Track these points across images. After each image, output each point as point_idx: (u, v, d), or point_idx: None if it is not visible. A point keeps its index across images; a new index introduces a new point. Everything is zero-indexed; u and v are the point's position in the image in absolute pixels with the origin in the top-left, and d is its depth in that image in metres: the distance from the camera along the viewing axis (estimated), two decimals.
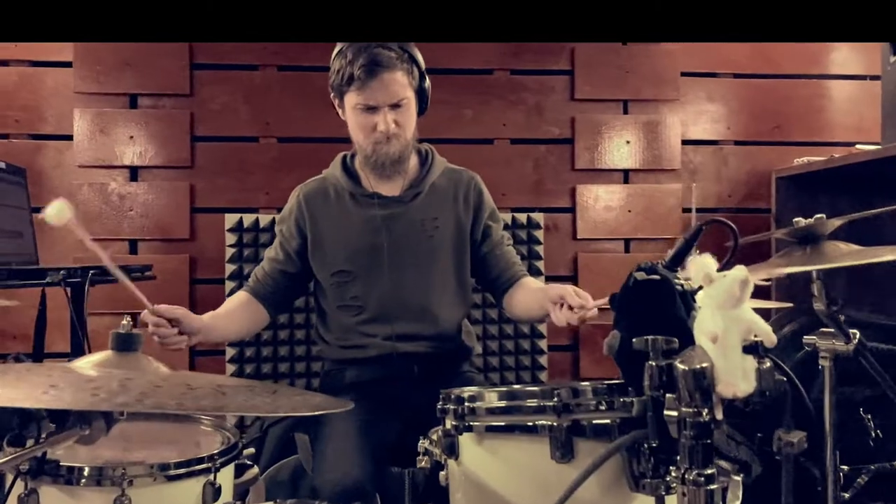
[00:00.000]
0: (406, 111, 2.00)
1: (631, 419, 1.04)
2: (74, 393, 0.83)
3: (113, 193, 2.91)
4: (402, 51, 1.97)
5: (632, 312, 1.02)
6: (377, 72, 1.92)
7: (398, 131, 1.99)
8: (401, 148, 2.02)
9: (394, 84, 1.95)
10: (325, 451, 1.86)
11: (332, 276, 2.09)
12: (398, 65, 1.95)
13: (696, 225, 1.06)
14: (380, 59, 1.92)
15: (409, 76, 1.98)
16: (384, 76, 1.93)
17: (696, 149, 3.18)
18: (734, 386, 0.89)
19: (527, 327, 2.82)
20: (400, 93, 1.96)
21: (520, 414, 1.09)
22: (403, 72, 1.96)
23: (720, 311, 0.91)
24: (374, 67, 1.92)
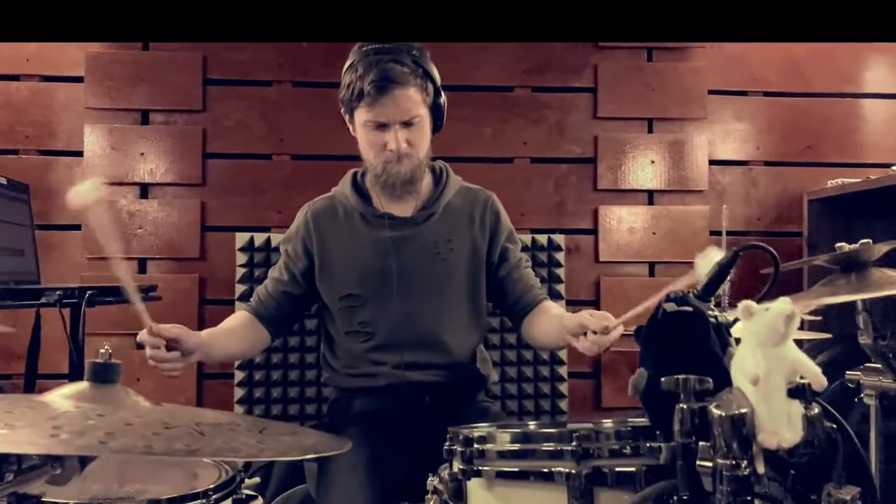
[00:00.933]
0: (418, 129, 1.90)
1: (658, 467, 0.93)
2: (32, 433, 0.74)
3: (123, 211, 2.86)
4: (416, 65, 1.87)
5: (660, 348, 0.91)
6: (388, 88, 1.82)
7: (410, 150, 1.89)
8: (412, 167, 1.92)
9: (406, 101, 1.85)
10: (331, 486, 1.77)
11: (340, 301, 2.00)
12: (411, 80, 1.84)
13: (732, 250, 0.96)
14: (391, 75, 1.82)
15: (422, 92, 1.88)
16: (396, 92, 1.83)
17: (723, 169, 3.08)
18: (778, 435, 0.78)
19: (546, 354, 2.71)
20: (412, 110, 1.86)
21: (534, 459, 0.99)
22: (416, 88, 1.86)
23: (762, 349, 0.80)
24: (385, 83, 1.82)
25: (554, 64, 3.02)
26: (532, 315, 2.03)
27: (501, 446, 1.02)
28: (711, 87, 3.07)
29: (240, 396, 2.61)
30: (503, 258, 2.05)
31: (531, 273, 2.10)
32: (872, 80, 3.13)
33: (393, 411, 1.96)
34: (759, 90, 3.10)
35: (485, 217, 2.04)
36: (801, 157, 3.10)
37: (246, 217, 2.89)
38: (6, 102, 2.86)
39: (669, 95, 3.03)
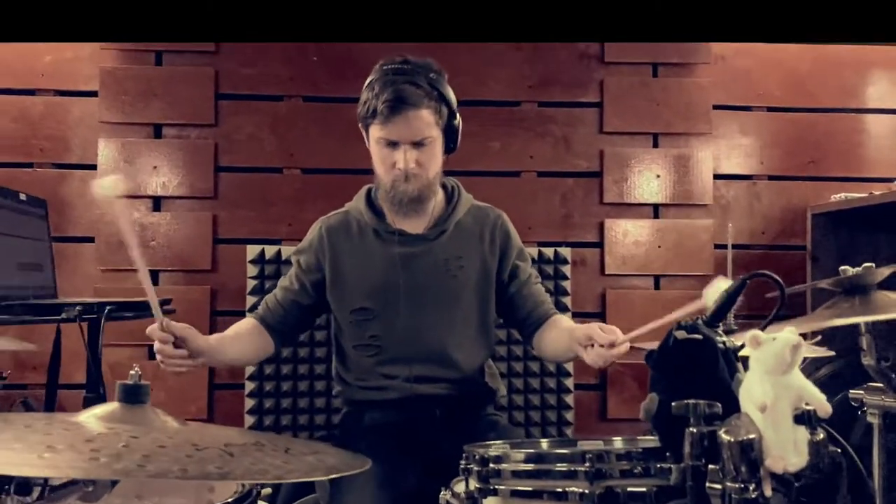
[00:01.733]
0: (429, 150, 1.93)
1: (668, 488, 0.96)
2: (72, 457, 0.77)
3: (135, 224, 2.90)
4: (431, 88, 1.90)
5: (671, 374, 0.95)
6: (401, 108, 1.86)
7: (418, 171, 1.92)
8: (420, 187, 1.95)
9: (418, 122, 1.88)
10: (344, 499, 1.80)
11: (351, 314, 2.03)
12: (424, 102, 1.88)
13: (739, 279, 0.99)
14: (405, 96, 1.86)
15: (435, 114, 1.91)
16: (408, 113, 1.87)
17: (728, 183, 3.11)
18: (784, 459, 0.82)
19: (553, 366, 2.75)
20: (423, 131, 1.90)
21: (548, 478, 1.02)
22: (430, 110, 1.90)
23: (769, 377, 0.84)
24: (398, 104, 1.86)
25: (560, 79, 3.05)
26: (542, 330, 2.06)
27: (516, 466, 1.05)
28: (716, 103, 3.10)
29: (250, 407, 2.64)
30: (513, 275, 2.08)
31: (541, 289, 2.12)
32: (875, 96, 3.16)
33: (404, 424, 1.99)
34: (762, 105, 3.13)
35: (495, 235, 2.08)
36: (804, 172, 3.13)
37: (256, 230, 2.92)
38: (22, 116, 2.91)
39: (674, 111, 3.07)
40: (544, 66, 3.05)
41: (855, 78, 3.17)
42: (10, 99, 2.91)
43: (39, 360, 2.84)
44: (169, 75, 2.94)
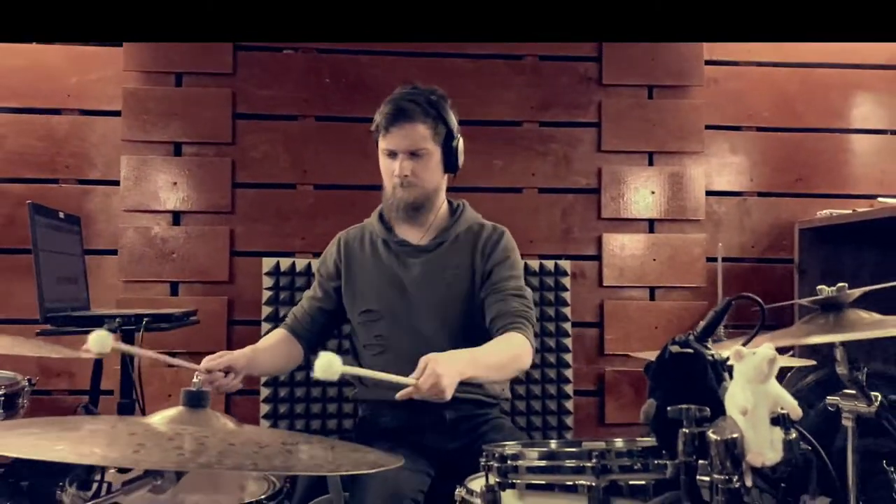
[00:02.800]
0: (424, 162, 2.11)
1: (665, 481, 1.11)
2: (161, 453, 0.91)
3: (156, 237, 3.03)
4: (430, 106, 2.10)
5: (666, 383, 1.10)
6: (399, 120, 2.08)
7: (413, 179, 2.11)
8: (415, 195, 2.13)
9: (413, 134, 2.08)
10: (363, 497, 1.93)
11: (360, 315, 2.22)
12: (420, 117, 2.08)
13: (726, 300, 1.14)
14: (403, 108, 2.08)
15: (431, 130, 2.10)
16: (405, 125, 2.08)
17: (719, 200, 3.25)
18: (763, 455, 0.97)
19: (553, 373, 2.88)
20: (418, 143, 2.09)
21: (560, 473, 1.17)
22: (426, 125, 2.09)
23: (750, 385, 0.99)
24: (396, 116, 2.08)
25: (560, 100, 3.19)
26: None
27: (531, 462, 1.20)
28: (708, 123, 3.23)
29: (265, 412, 2.77)
30: (487, 279, 2.17)
31: (517, 303, 2.12)
32: (860, 117, 3.31)
33: (416, 428, 2.12)
34: (752, 125, 3.28)
35: (486, 247, 2.21)
36: (792, 189, 3.26)
37: (272, 243, 3.06)
38: (48, 135, 3.04)
39: (669, 130, 3.21)
40: (545, 87, 3.19)
41: (840, 100, 3.31)
42: (37, 118, 3.04)
43: (63, 367, 2.98)
44: (188, 96, 3.07)
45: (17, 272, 2.92)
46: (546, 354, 2.87)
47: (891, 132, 3.27)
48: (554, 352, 2.88)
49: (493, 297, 2.13)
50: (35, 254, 1.99)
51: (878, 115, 3.31)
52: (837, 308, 1.45)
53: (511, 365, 2.02)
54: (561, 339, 2.88)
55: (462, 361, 1.82)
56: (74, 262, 2.30)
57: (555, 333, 2.88)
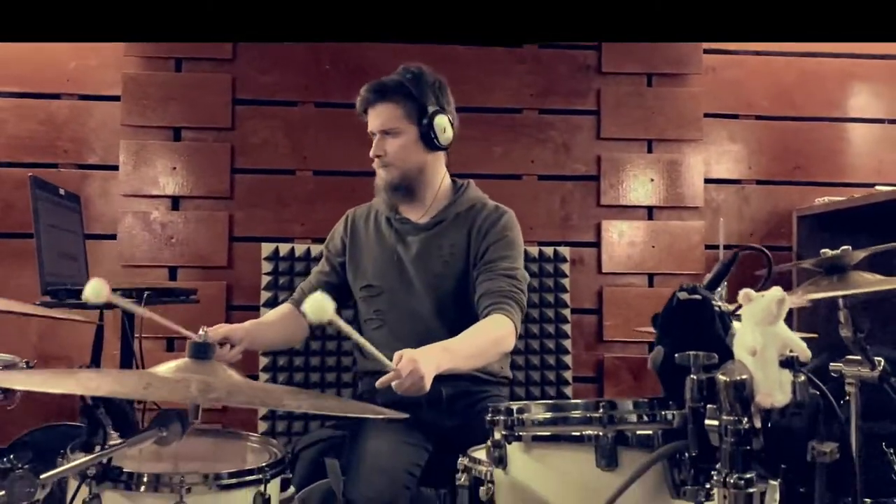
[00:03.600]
0: (398, 141, 2.12)
1: (672, 430, 1.11)
2: (169, 389, 0.91)
3: (155, 222, 3.03)
4: (400, 86, 2.11)
5: (674, 330, 1.10)
6: (370, 101, 2.13)
7: (388, 159, 2.13)
8: (393, 175, 2.14)
9: (384, 113, 2.11)
10: (360, 468, 1.93)
11: (361, 290, 2.23)
12: (389, 96, 2.11)
13: (733, 251, 1.14)
14: (372, 90, 2.13)
15: (401, 108, 2.11)
16: (377, 106, 2.12)
17: (718, 187, 3.26)
18: (771, 397, 0.97)
19: (553, 359, 2.88)
20: (387, 123, 2.11)
21: (566, 424, 1.17)
22: (395, 104, 2.10)
23: (759, 327, 0.99)
24: (367, 99, 2.13)
25: (560, 88, 3.20)
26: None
27: (538, 415, 1.20)
28: (707, 111, 3.25)
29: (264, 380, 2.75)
30: (480, 257, 2.15)
31: (504, 281, 2.08)
32: (857, 106, 3.33)
33: (414, 403, 2.10)
34: (751, 114, 3.29)
35: (483, 226, 2.19)
36: (790, 177, 3.28)
37: (271, 229, 3.06)
38: (47, 119, 3.04)
39: (668, 118, 3.22)
40: (545, 75, 3.20)
41: (838, 89, 3.33)
42: (36, 103, 3.04)
43: (61, 351, 2.97)
44: (188, 81, 3.08)
45: (17, 257, 2.92)
46: (545, 341, 2.87)
47: (888, 121, 3.29)
48: (553, 338, 2.88)
49: (483, 276, 2.11)
50: (36, 226, 1.98)
51: (876, 104, 3.32)
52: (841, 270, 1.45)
53: (491, 350, 2.01)
54: (560, 325, 2.88)
55: (436, 355, 1.79)
56: (74, 240, 2.29)
57: (554, 320, 2.88)
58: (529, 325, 2.85)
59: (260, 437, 1.74)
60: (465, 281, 2.16)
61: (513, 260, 2.15)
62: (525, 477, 1.21)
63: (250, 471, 1.48)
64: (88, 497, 1.38)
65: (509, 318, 2.01)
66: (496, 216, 2.21)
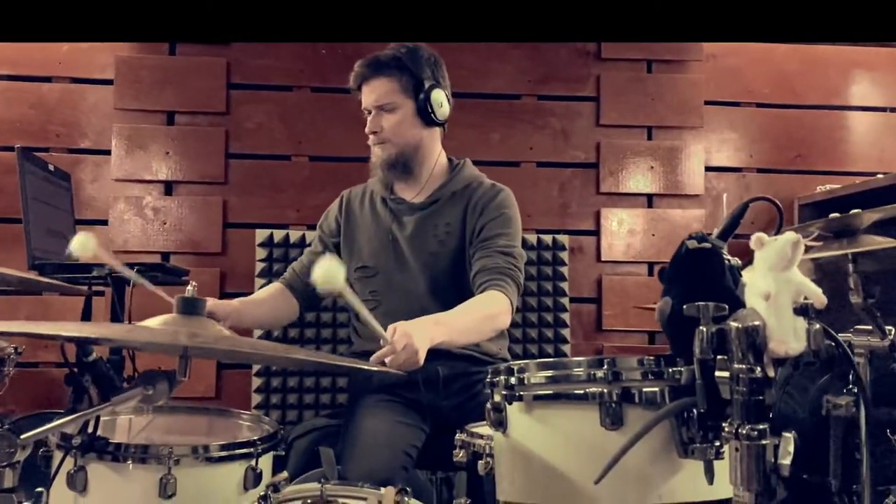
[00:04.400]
0: (395, 117, 2.08)
1: (679, 387, 1.06)
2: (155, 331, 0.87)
3: (147, 207, 2.98)
4: (394, 59, 2.07)
5: (683, 280, 1.05)
6: (364, 77, 2.09)
7: (385, 135, 2.09)
8: (390, 152, 2.10)
9: (379, 88, 2.07)
10: (357, 447, 1.89)
11: (356, 272, 2.18)
12: (384, 70, 2.07)
13: (743, 202, 1.10)
14: (366, 64, 2.08)
15: (396, 82, 2.06)
16: (371, 81, 2.08)
17: (718, 175, 3.23)
18: (786, 344, 0.92)
19: (551, 347, 2.84)
20: (384, 97, 2.06)
21: (569, 383, 1.12)
22: (390, 78, 2.06)
23: (772, 272, 0.95)
24: (361, 73, 2.09)
25: (559, 74, 3.17)
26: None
27: (539, 373, 1.15)
28: (708, 99, 3.22)
29: (257, 385, 2.72)
30: (477, 235, 2.11)
31: (500, 258, 2.05)
32: (858, 94, 3.30)
33: (409, 385, 2.05)
34: (752, 102, 3.26)
35: (479, 203, 2.15)
36: (791, 165, 3.25)
37: (265, 215, 3.01)
38: (38, 103, 2.99)
39: (668, 105, 3.19)
40: (544, 61, 3.16)
41: (839, 77, 3.30)
42: (27, 85, 3.00)
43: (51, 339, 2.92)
44: (182, 65, 3.04)
45: (6, 240, 2.86)
46: (544, 330, 2.83)
47: (889, 110, 3.26)
48: (552, 327, 2.84)
49: (479, 253, 2.07)
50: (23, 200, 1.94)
51: (877, 92, 3.30)
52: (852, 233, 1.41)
53: (485, 326, 1.97)
54: (559, 314, 2.85)
55: (429, 328, 1.76)
56: (64, 217, 2.24)
57: (552, 308, 2.84)
58: (528, 314, 2.81)
59: (252, 415, 1.70)
60: (461, 259, 2.12)
61: (510, 237, 2.11)
62: (526, 439, 1.16)
63: (241, 444, 1.44)
64: (74, 468, 1.34)
65: (505, 295, 1.97)
66: (493, 193, 2.17)
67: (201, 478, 1.41)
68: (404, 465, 1.87)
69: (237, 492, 1.42)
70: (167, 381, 1.12)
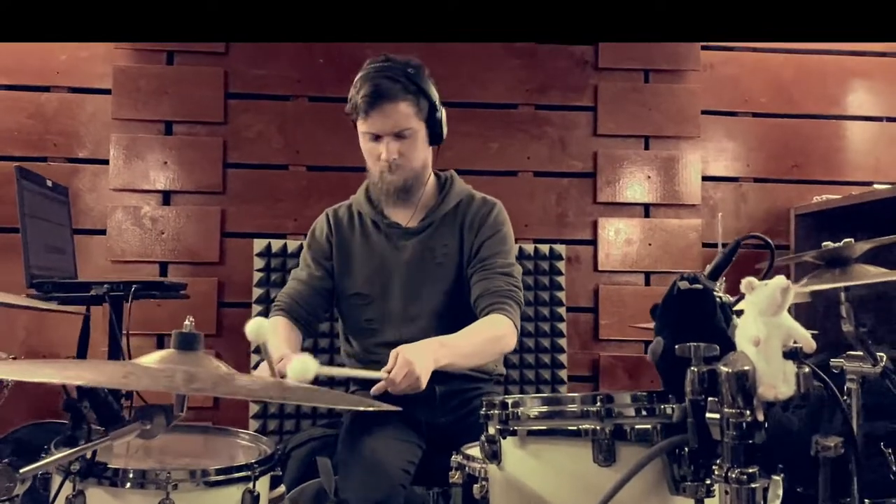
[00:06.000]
0: (411, 141, 2.02)
1: (671, 425, 1.07)
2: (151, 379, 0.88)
3: (145, 217, 2.99)
4: (409, 81, 1.99)
5: (674, 320, 1.06)
6: (378, 102, 1.95)
7: (401, 161, 2.02)
8: (405, 177, 2.05)
9: (396, 114, 1.97)
10: (355, 467, 1.90)
11: (350, 298, 2.16)
12: (401, 95, 1.97)
13: (735, 240, 1.11)
14: (381, 89, 1.95)
15: (414, 106, 2.00)
16: (386, 106, 1.96)
17: (715, 185, 3.24)
18: (775, 388, 0.94)
19: (547, 357, 2.85)
20: (402, 123, 1.99)
21: (563, 419, 1.13)
22: (408, 102, 1.98)
23: (762, 317, 0.96)
24: (375, 98, 1.95)
25: (556, 84, 3.17)
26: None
27: (533, 408, 1.16)
28: (704, 108, 3.23)
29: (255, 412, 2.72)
30: (475, 255, 2.11)
31: (501, 280, 2.06)
32: (855, 104, 3.31)
33: (406, 402, 2.07)
34: (749, 111, 3.27)
35: (474, 221, 2.14)
36: (788, 175, 3.26)
37: (263, 224, 3.02)
38: (37, 112, 3.00)
39: (665, 115, 3.20)
40: (541, 70, 3.17)
41: (836, 87, 3.31)
42: (25, 95, 3.00)
43: (48, 348, 2.94)
44: (180, 74, 3.04)
45: (4, 251, 2.87)
46: (541, 339, 2.85)
47: (886, 119, 3.27)
48: (549, 336, 2.85)
49: (479, 275, 2.07)
50: (21, 218, 1.95)
51: (874, 102, 3.31)
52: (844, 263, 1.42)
53: (490, 349, 1.99)
54: (556, 323, 2.86)
55: (434, 350, 1.78)
56: (62, 232, 2.25)
57: (549, 318, 2.85)
58: (525, 324, 2.82)
59: (250, 435, 1.71)
60: (460, 279, 2.12)
61: (507, 255, 2.12)
62: (520, 473, 1.17)
63: (239, 467, 1.44)
64: (72, 493, 1.35)
65: (509, 318, 1.99)
66: (486, 210, 2.16)
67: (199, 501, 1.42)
68: (403, 484, 1.88)
69: None
70: (164, 415, 1.13)
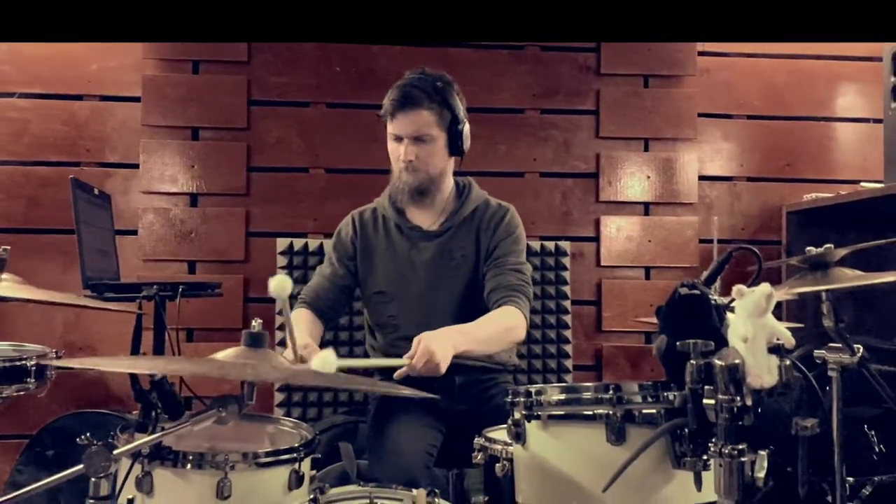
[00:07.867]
0: (429, 147, 2.21)
1: (674, 409, 1.26)
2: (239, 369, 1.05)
3: (174, 218, 3.16)
4: (435, 92, 2.19)
5: (676, 321, 1.25)
6: (405, 106, 2.17)
7: (418, 164, 2.21)
8: (420, 179, 2.24)
9: (418, 120, 2.17)
10: (383, 450, 2.08)
11: (373, 296, 2.35)
12: (425, 103, 2.17)
13: (728, 251, 1.29)
14: (409, 95, 2.17)
15: (436, 116, 2.19)
16: (410, 111, 2.16)
17: (711, 184, 3.41)
18: (761, 378, 1.12)
19: (554, 347, 3.03)
20: (422, 129, 2.18)
21: (579, 405, 1.32)
22: (430, 111, 2.18)
23: (750, 318, 1.14)
24: (402, 102, 2.17)
25: (561, 89, 3.34)
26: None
27: (554, 396, 1.35)
28: (701, 111, 3.39)
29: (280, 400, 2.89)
30: (490, 253, 2.30)
31: (513, 276, 2.24)
32: (844, 106, 3.47)
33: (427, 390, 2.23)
34: (743, 114, 3.44)
35: (490, 224, 2.33)
36: (780, 174, 3.43)
37: (285, 224, 3.19)
38: (70, 120, 3.16)
39: (663, 118, 3.37)
40: (546, 77, 3.33)
41: (826, 90, 3.47)
42: (59, 103, 3.17)
43: (85, 341, 3.11)
44: (205, 83, 3.20)
45: (42, 252, 3.05)
46: (547, 331, 3.03)
47: (873, 121, 3.42)
48: (554, 328, 3.03)
49: (493, 271, 2.26)
50: (77, 225, 2.11)
51: (861, 104, 3.46)
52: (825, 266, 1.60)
53: (503, 337, 2.16)
54: (561, 316, 3.04)
55: (453, 337, 1.96)
56: (106, 236, 2.42)
57: (555, 311, 3.03)
58: (532, 316, 2.97)
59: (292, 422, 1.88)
60: (476, 279, 2.30)
61: (519, 254, 2.31)
62: (542, 452, 1.36)
63: (286, 450, 1.62)
64: (141, 474, 1.53)
65: (520, 310, 2.17)
66: (501, 214, 2.35)
67: (252, 480, 1.59)
68: (427, 465, 2.06)
69: (282, 492, 1.60)
70: (237, 404, 1.31)
